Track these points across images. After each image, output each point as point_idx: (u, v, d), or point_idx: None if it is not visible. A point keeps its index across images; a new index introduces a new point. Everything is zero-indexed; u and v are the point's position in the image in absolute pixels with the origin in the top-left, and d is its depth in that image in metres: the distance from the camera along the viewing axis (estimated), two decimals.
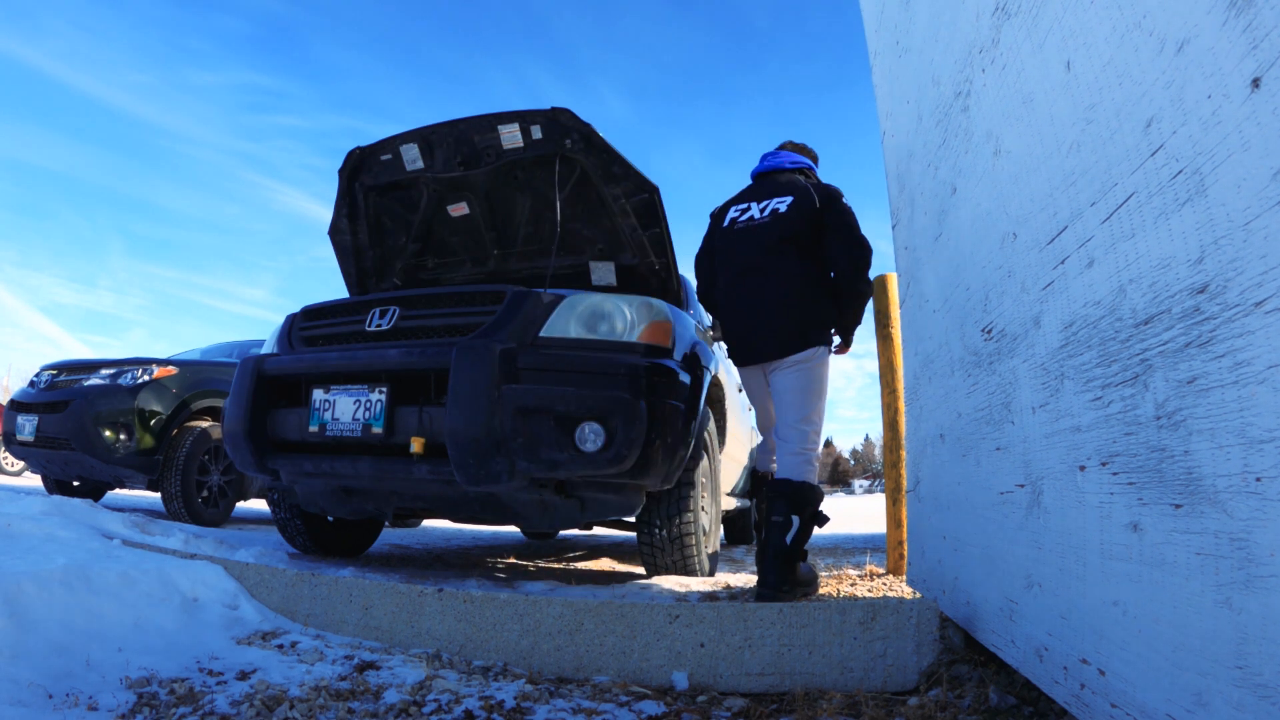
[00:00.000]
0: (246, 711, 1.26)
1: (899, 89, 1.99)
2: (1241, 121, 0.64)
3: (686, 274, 3.49)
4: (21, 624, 1.43)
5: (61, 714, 1.20)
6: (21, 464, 8.23)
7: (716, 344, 3.12)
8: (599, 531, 5.50)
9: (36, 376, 4.79)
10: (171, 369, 4.53)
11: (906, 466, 2.37)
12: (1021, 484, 1.17)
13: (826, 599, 1.92)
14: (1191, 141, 0.71)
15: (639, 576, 2.85)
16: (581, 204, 3.11)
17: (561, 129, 2.87)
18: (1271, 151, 0.60)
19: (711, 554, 2.82)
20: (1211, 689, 0.68)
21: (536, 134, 2.92)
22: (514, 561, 3.53)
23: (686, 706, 1.44)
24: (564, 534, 5.84)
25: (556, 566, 3.41)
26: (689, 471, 2.52)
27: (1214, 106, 0.67)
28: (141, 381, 4.38)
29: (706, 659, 1.59)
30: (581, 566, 3.50)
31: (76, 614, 1.56)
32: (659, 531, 2.56)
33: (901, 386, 2.84)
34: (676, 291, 3.11)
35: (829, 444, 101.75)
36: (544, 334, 2.33)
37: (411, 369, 2.32)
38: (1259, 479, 0.62)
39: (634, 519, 2.61)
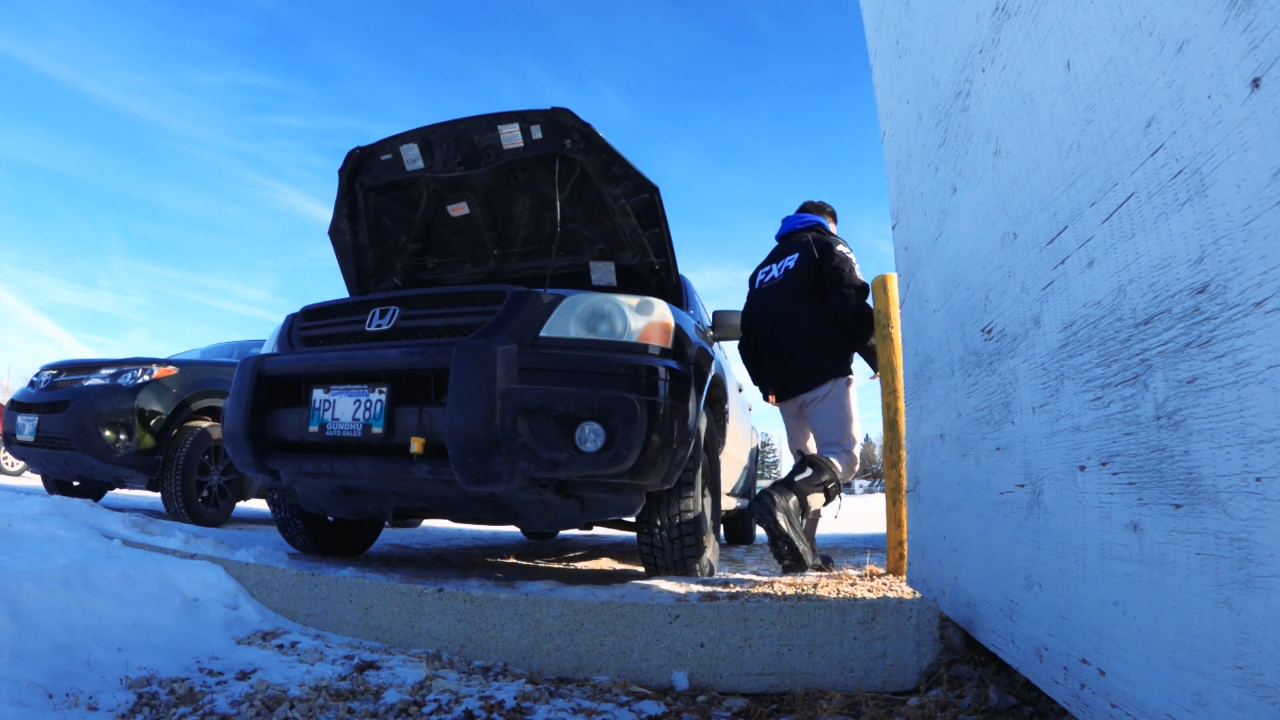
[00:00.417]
0: (246, 711, 1.26)
1: (899, 89, 1.99)
2: (1241, 121, 0.64)
3: (686, 274, 3.49)
4: (22, 624, 1.43)
5: (61, 714, 1.20)
6: (21, 464, 8.23)
7: (716, 344, 3.13)
8: (599, 531, 5.50)
9: (36, 376, 4.79)
10: (171, 369, 4.53)
11: (906, 467, 2.37)
12: (1021, 484, 1.17)
13: (826, 598, 1.92)
14: (1191, 141, 0.71)
15: (639, 576, 2.85)
16: (581, 204, 3.11)
17: (561, 129, 2.87)
18: (1271, 151, 0.60)
19: (711, 554, 2.82)
20: (1211, 689, 0.68)
21: (536, 134, 2.92)
22: (514, 561, 3.53)
23: (686, 706, 1.44)
24: (564, 534, 5.84)
25: (556, 566, 3.41)
26: (689, 471, 2.52)
27: (1214, 106, 0.67)
28: (141, 381, 4.38)
29: (706, 659, 1.59)
30: (581, 566, 3.50)
31: (76, 614, 1.56)
32: (659, 531, 2.56)
33: (901, 386, 2.84)
34: (676, 291, 3.11)
35: None
36: (544, 334, 2.33)
37: (411, 369, 2.32)
38: (1259, 479, 0.62)
39: (634, 519, 2.61)
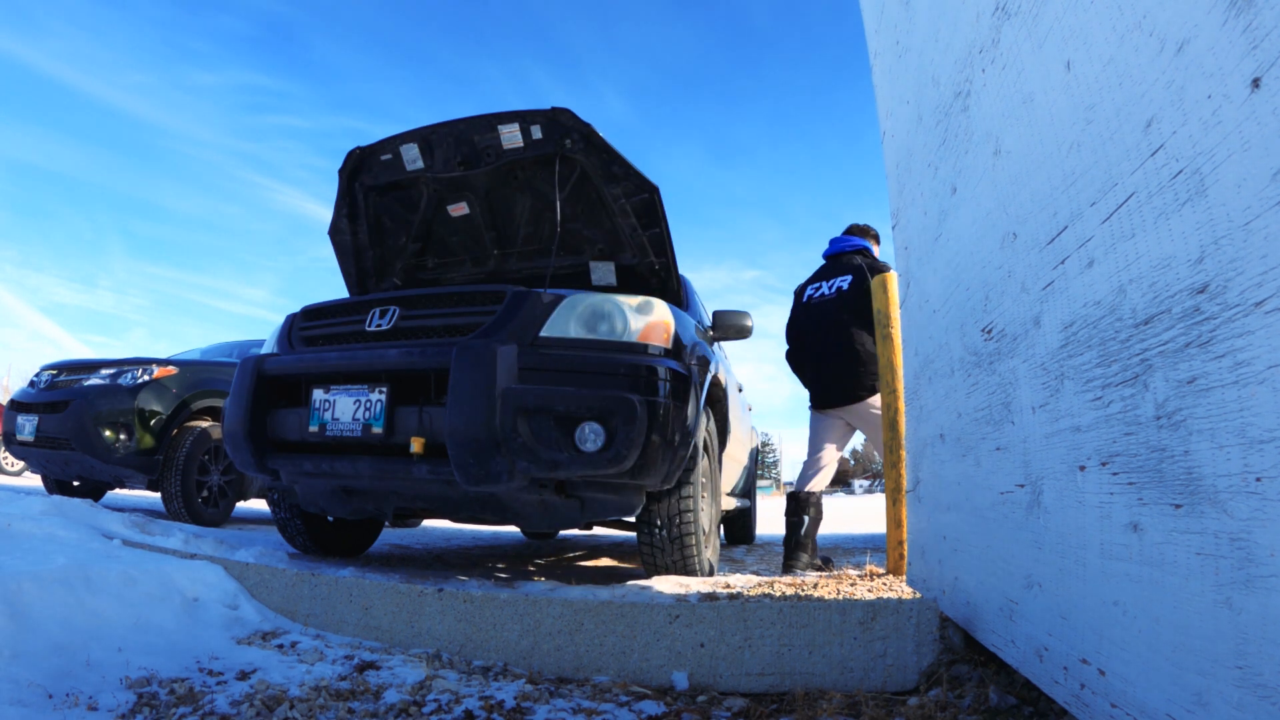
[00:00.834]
0: (246, 711, 1.26)
1: (899, 89, 1.99)
2: (1241, 121, 0.64)
3: (686, 274, 3.49)
4: (22, 624, 1.43)
5: (61, 714, 1.20)
6: (21, 464, 8.23)
7: (716, 344, 3.13)
8: (599, 531, 5.50)
9: (36, 376, 4.79)
10: (171, 369, 4.53)
11: (906, 467, 2.37)
12: (1021, 484, 1.17)
13: (826, 599, 1.92)
14: (1191, 141, 0.71)
15: (639, 576, 2.85)
16: (581, 204, 3.11)
17: (561, 129, 2.87)
18: (1271, 151, 0.60)
19: (711, 554, 2.82)
20: (1211, 689, 0.68)
21: (536, 134, 2.92)
22: (514, 562, 3.53)
23: (686, 706, 1.44)
24: (564, 534, 5.84)
25: (556, 567, 3.41)
26: (689, 471, 2.52)
27: (1214, 106, 0.67)
28: (141, 381, 4.38)
29: (706, 659, 1.59)
30: (581, 566, 3.50)
31: (76, 614, 1.56)
32: (659, 531, 2.56)
33: (901, 387, 2.84)
34: (676, 291, 3.11)
35: None
36: (544, 334, 2.33)
37: (411, 369, 2.32)
38: (1259, 479, 0.62)
39: (634, 519, 2.61)
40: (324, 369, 2.48)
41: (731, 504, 4.22)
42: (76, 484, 5.12)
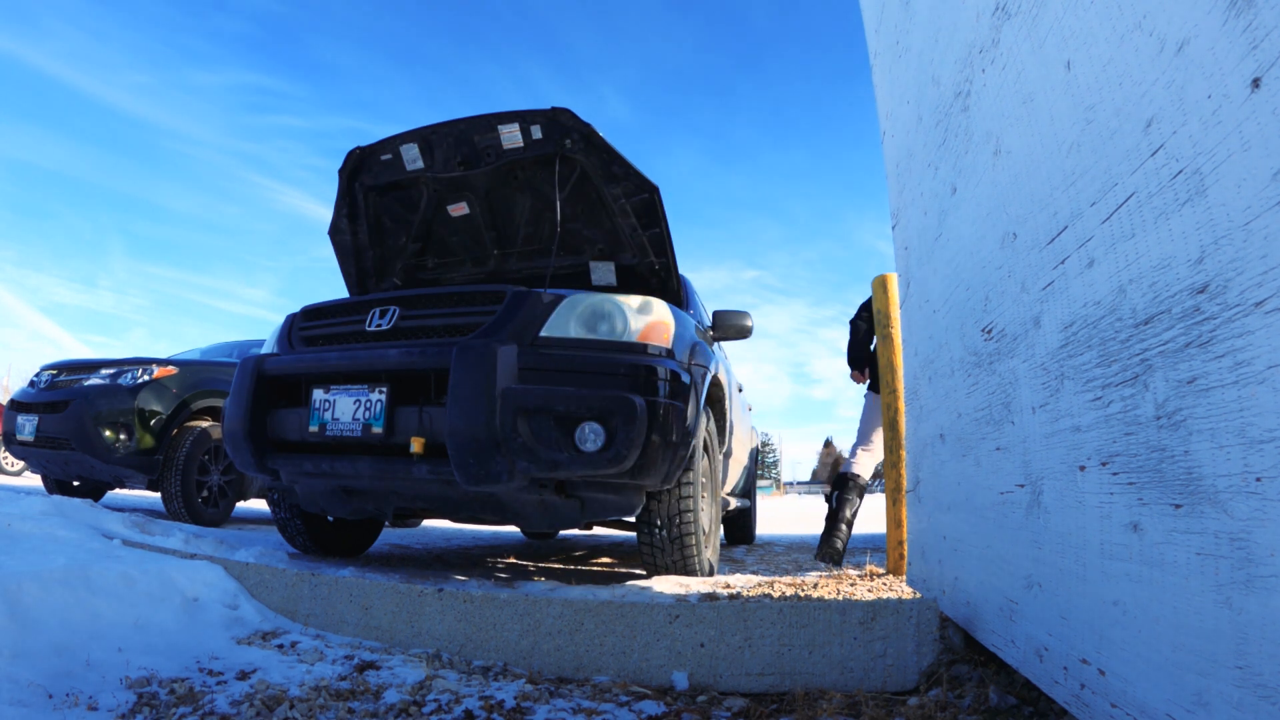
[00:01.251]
0: (246, 711, 1.26)
1: (899, 89, 1.99)
2: (1241, 121, 0.64)
3: (686, 274, 3.49)
4: (22, 624, 1.43)
5: (61, 714, 1.20)
6: (21, 464, 8.23)
7: (716, 344, 3.13)
8: (599, 531, 5.50)
9: (36, 376, 4.79)
10: (171, 369, 4.53)
11: (906, 467, 2.37)
12: (1021, 484, 1.17)
13: (826, 599, 1.92)
14: (1191, 141, 0.71)
15: (639, 576, 2.85)
16: (581, 204, 3.11)
17: (561, 129, 2.87)
18: (1271, 151, 0.60)
19: (711, 554, 2.82)
20: (1211, 689, 0.68)
21: (536, 134, 2.92)
22: (514, 561, 3.53)
23: (686, 706, 1.44)
24: (564, 534, 5.84)
25: (556, 566, 3.41)
26: (689, 471, 2.52)
27: (1214, 106, 0.67)
28: (141, 381, 4.38)
29: (706, 659, 1.59)
30: (581, 567, 3.50)
31: (76, 614, 1.56)
32: (659, 531, 2.56)
33: (901, 387, 2.84)
34: (676, 291, 3.11)
35: (828, 444, 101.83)
36: (544, 334, 2.33)
37: (411, 369, 2.32)
38: (1259, 479, 0.62)
39: (634, 519, 2.61)
40: (324, 369, 2.48)
41: (731, 504, 4.22)
42: (76, 484, 5.12)
